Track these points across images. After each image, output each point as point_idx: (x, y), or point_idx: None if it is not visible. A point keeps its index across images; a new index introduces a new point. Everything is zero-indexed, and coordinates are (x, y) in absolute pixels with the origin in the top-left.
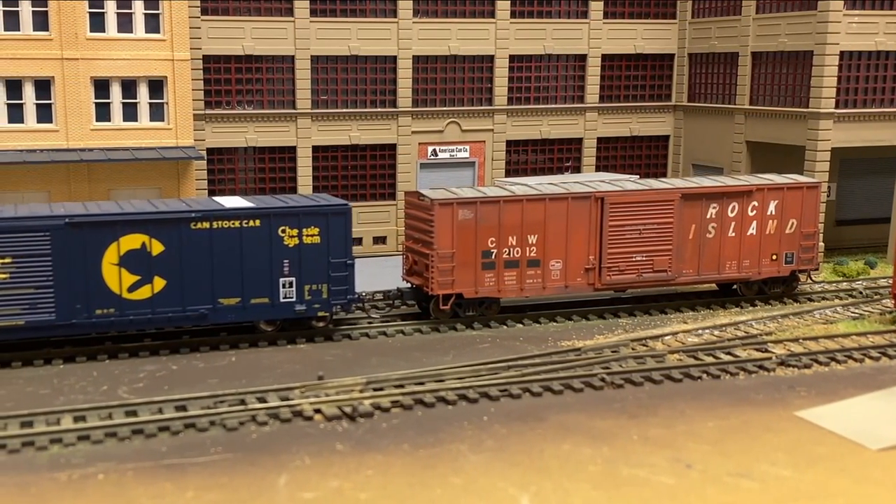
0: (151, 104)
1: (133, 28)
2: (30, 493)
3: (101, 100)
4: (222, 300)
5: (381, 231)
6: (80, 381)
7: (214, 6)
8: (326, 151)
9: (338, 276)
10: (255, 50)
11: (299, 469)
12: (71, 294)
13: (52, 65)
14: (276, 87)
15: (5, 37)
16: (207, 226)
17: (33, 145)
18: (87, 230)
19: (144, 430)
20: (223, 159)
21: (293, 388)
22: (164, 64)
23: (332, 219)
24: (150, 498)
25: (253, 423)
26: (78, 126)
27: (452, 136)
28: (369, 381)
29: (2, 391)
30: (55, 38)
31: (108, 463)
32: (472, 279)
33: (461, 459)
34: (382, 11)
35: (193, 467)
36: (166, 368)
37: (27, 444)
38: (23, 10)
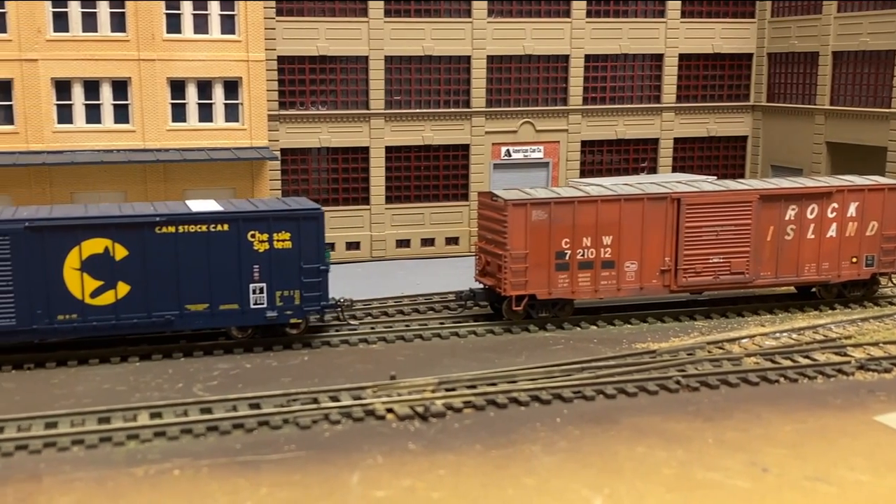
0: (226, 105)
1: (209, 29)
2: (107, 487)
3: (177, 100)
4: (189, 306)
5: (453, 232)
6: (156, 379)
7: (289, 7)
8: (399, 152)
9: (310, 283)
10: (329, 50)
11: (371, 467)
12: (31, 299)
13: (129, 66)
14: (350, 87)
15: (84, 38)
16: (173, 230)
17: (110, 146)
18: (47, 234)
19: (219, 427)
20: (296, 160)
21: (365, 388)
22: (240, 65)
23: (304, 223)
24: (225, 494)
25: (326, 422)
26: (154, 126)
27: (526, 136)
28: (441, 381)
29: (80, 388)
30: (132, 39)
31: (183, 459)
32: (546, 280)
33: (534, 460)
34: (457, 11)
35: (267, 464)
36: (240, 367)
37: (105, 440)
38: (101, 12)
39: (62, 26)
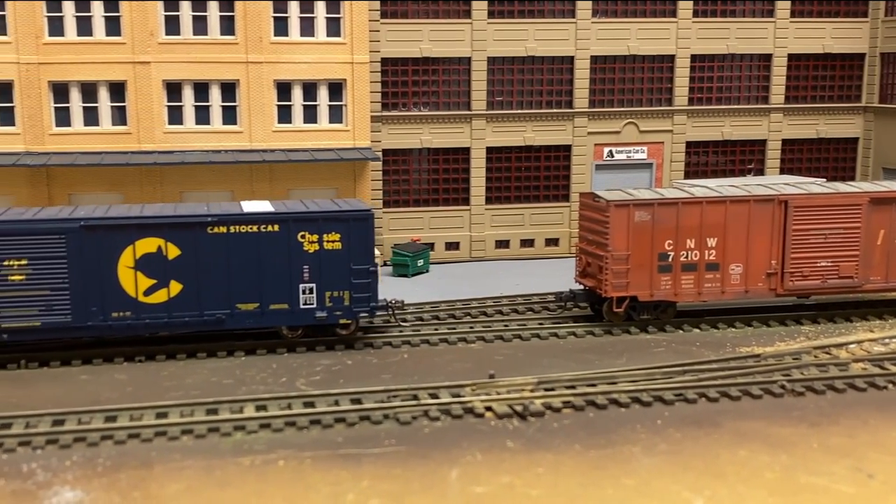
0: (331, 106)
1: (315, 32)
2: (215, 475)
3: (282, 102)
4: (240, 305)
5: (553, 233)
6: (261, 373)
7: (394, 9)
8: (500, 152)
9: (360, 283)
10: (433, 52)
11: (470, 464)
12: (87, 297)
13: (237, 68)
14: (452, 88)
15: (194, 41)
16: (225, 230)
17: (218, 146)
18: (102, 233)
19: (322, 420)
20: (397, 160)
21: (464, 386)
22: (344, 67)
23: (354, 224)
24: (328, 485)
25: (425, 418)
26: (261, 128)
27: (630, 136)
28: (540, 380)
29: (189, 380)
30: (241, 42)
31: (287, 450)
32: (648, 282)
33: (633, 462)
34: (560, 12)
35: (368, 458)
36: (341, 363)
37: (212, 430)
38: (211, 16)
39: (174, 29)
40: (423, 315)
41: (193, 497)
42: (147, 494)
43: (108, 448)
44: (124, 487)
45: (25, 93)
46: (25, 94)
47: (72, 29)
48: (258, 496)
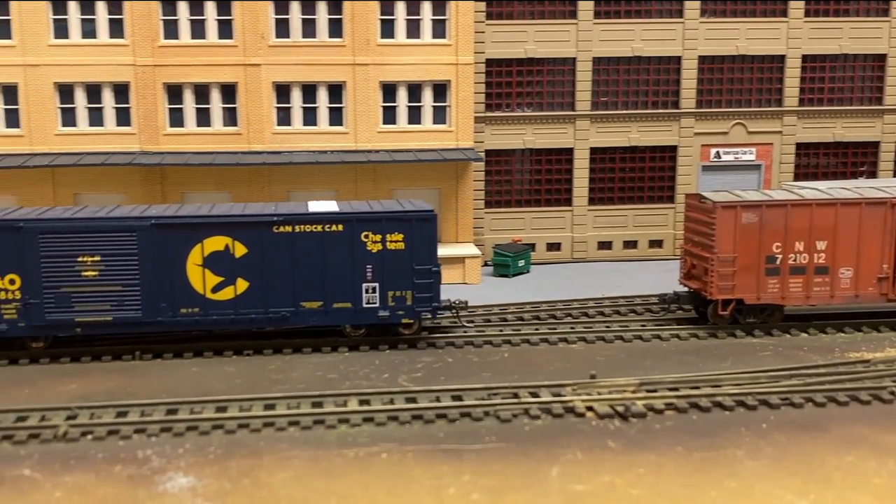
0: (434, 107)
1: (420, 34)
2: (321, 466)
3: (387, 103)
4: (304, 303)
5: (657, 234)
6: (364, 369)
7: (499, 11)
8: (604, 153)
9: (422, 283)
10: (537, 53)
11: (571, 462)
12: (156, 293)
13: (344, 70)
14: (556, 89)
15: (303, 43)
16: (290, 229)
17: (324, 147)
18: (171, 231)
19: (423, 415)
20: (500, 161)
21: (565, 385)
22: (449, 68)
23: (417, 225)
24: (429, 479)
25: (525, 416)
26: (366, 128)
27: (737, 137)
28: (643, 382)
29: (294, 374)
30: (348, 44)
31: (390, 444)
32: (754, 285)
33: (737, 465)
34: (668, 12)
35: (469, 453)
36: (442, 361)
37: (318, 423)
38: (319, 19)
39: (283, 32)
40: (523, 315)
41: (301, 486)
42: (256, 482)
43: (219, 437)
44: (234, 475)
45: (141, 94)
46: (141, 95)
47: (186, 32)
48: (362, 487)
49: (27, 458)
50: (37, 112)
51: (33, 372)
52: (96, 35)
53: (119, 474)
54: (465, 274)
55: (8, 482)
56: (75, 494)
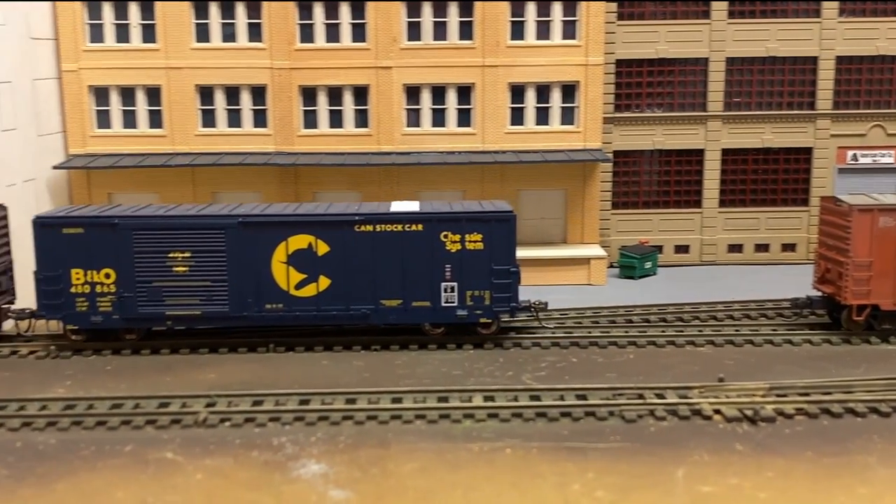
0: (563, 108)
1: (550, 35)
2: (446, 458)
3: (515, 104)
4: (384, 301)
5: (790, 238)
6: (488, 366)
7: (630, 11)
8: (736, 154)
9: (501, 284)
10: (668, 53)
11: (697, 464)
12: (243, 288)
13: (473, 72)
14: (687, 89)
15: (434, 46)
16: (371, 229)
17: (452, 147)
18: (258, 229)
19: (547, 413)
20: (628, 162)
21: (692, 388)
22: (578, 69)
23: (496, 225)
24: (554, 475)
25: (651, 417)
26: (493, 129)
27: (876, 140)
28: (772, 386)
29: (420, 369)
30: (478, 46)
31: (514, 440)
32: (891, 290)
33: (869, 472)
34: (804, 12)
35: (593, 452)
36: (566, 360)
37: (444, 417)
38: (450, 21)
39: (415, 35)
40: (649, 317)
41: (427, 477)
42: (384, 471)
43: (349, 427)
44: (364, 464)
45: (277, 96)
46: (277, 97)
47: (321, 35)
48: (487, 480)
49: (170, 442)
50: (179, 113)
51: (173, 361)
52: (236, 39)
53: (255, 459)
54: (590, 275)
55: (152, 464)
56: (215, 477)
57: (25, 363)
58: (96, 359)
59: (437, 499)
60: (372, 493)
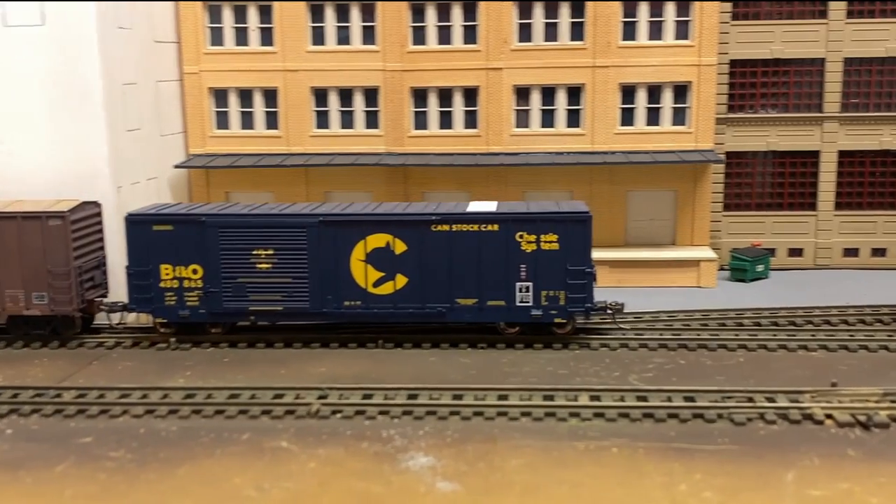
0: (674, 109)
1: (662, 35)
2: (552, 455)
3: (626, 105)
4: (459, 300)
5: None
6: (594, 366)
7: (745, 11)
8: (853, 156)
9: (575, 284)
10: (784, 53)
11: (807, 468)
12: (323, 285)
13: (583, 72)
14: (803, 90)
15: (544, 47)
16: (447, 228)
17: (561, 148)
18: (338, 228)
19: (654, 414)
20: (740, 163)
21: (803, 392)
22: (690, 69)
23: (571, 226)
24: (660, 475)
25: (761, 421)
26: (603, 130)
27: None
28: (887, 392)
29: (526, 368)
30: (589, 47)
31: (620, 439)
32: None
33: None
34: None
35: (701, 453)
36: (674, 362)
37: (549, 415)
38: (561, 22)
39: (525, 36)
40: (760, 321)
41: (533, 472)
42: (491, 466)
43: (456, 422)
44: (471, 458)
45: (389, 98)
46: (389, 99)
47: (433, 38)
48: (593, 478)
49: (284, 432)
50: (294, 115)
51: (286, 355)
52: (350, 42)
53: (366, 450)
54: (700, 277)
55: (268, 452)
56: (327, 466)
57: (147, 354)
58: (214, 351)
59: (542, 494)
60: (478, 487)
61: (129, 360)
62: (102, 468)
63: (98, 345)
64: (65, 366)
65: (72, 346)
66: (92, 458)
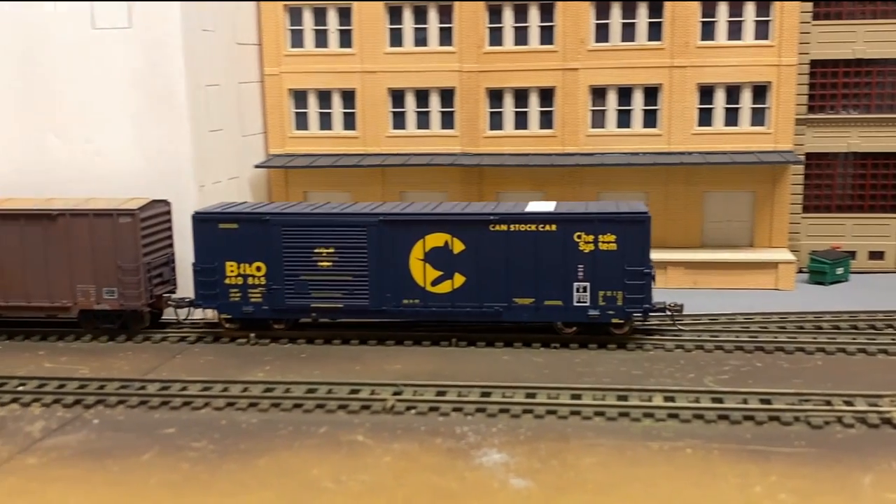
0: (753, 109)
1: (742, 35)
2: (625, 455)
3: (704, 105)
4: (517, 300)
5: None
6: (668, 367)
7: (826, 10)
8: None
9: (633, 285)
10: (866, 54)
11: (885, 472)
12: (382, 283)
13: (661, 73)
14: (887, 90)
15: (621, 47)
16: (505, 228)
17: (637, 149)
18: (397, 227)
19: (730, 416)
20: (820, 164)
21: (883, 396)
22: (770, 69)
23: (629, 227)
24: (735, 476)
25: (838, 424)
26: (680, 131)
27: None
28: None
29: (600, 368)
30: (667, 47)
31: (694, 440)
32: None
33: None
34: None
35: (777, 456)
36: (751, 365)
37: (623, 415)
38: (639, 23)
39: (603, 37)
40: (839, 324)
41: (606, 471)
42: (564, 463)
43: (529, 420)
44: (543, 455)
45: (465, 99)
46: (465, 100)
47: (510, 39)
48: (667, 477)
49: (360, 426)
50: (371, 116)
51: (361, 351)
52: (427, 43)
53: (440, 446)
54: (778, 280)
55: (344, 446)
56: (402, 460)
57: (228, 349)
58: (292, 347)
59: (616, 492)
60: (551, 484)
61: (211, 354)
62: (185, 458)
63: (180, 339)
64: (149, 359)
65: (155, 341)
66: (175, 448)
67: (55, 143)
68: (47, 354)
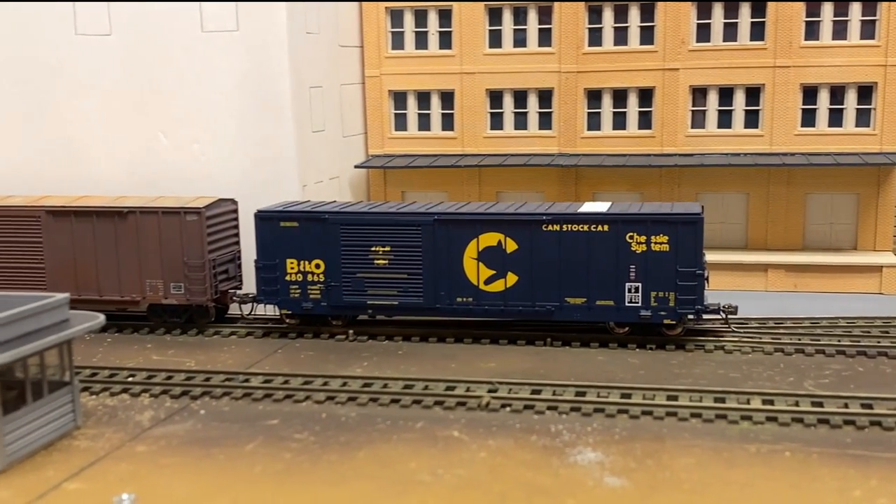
0: (858, 110)
1: (847, 35)
2: (722, 456)
3: (807, 106)
4: (569, 299)
5: None
6: (768, 371)
7: None
8: None
9: (686, 286)
10: None
11: None
12: (436, 281)
13: (763, 73)
14: None
15: (723, 47)
16: (558, 228)
17: (737, 149)
18: (452, 226)
19: (830, 420)
20: None
21: None
22: (876, 69)
23: (682, 228)
24: (835, 479)
25: None
26: (783, 131)
27: None
28: None
29: (697, 370)
30: (769, 47)
31: (793, 444)
32: None
33: None
34: None
35: (877, 461)
36: (852, 369)
37: (720, 417)
38: (741, 22)
39: (704, 37)
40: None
41: (702, 472)
42: (659, 463)
43: (624, 420)
44: (639, 455)
45: (563, 99)
46: (563, 100)
47: (609, 39)
48: (764, 479)
49: (455, 422)
50: (469, 116)
51: (457, 349)
52: (526, 44)
53: (535, 443)
54: (882, 284)
55: (441, 441)
56: (497, 456)
57: (327, 344)
58: (389, 343)
59: (711, 493)
60: (646, 483)
61: (311, 349)
62: (288, 448)
63: (282, 335)
64: (252, 353)
65: (258, 336)
66: (278, 439)
67: (165, 144)
68: (155, 347)
